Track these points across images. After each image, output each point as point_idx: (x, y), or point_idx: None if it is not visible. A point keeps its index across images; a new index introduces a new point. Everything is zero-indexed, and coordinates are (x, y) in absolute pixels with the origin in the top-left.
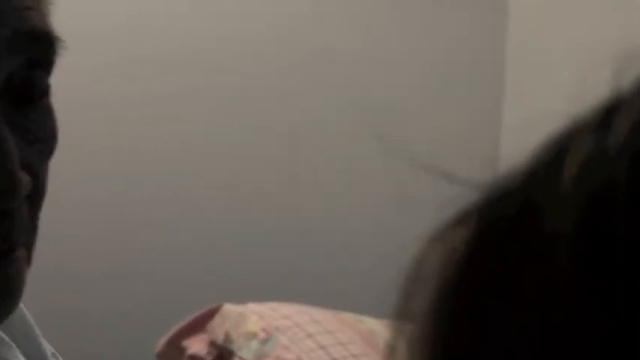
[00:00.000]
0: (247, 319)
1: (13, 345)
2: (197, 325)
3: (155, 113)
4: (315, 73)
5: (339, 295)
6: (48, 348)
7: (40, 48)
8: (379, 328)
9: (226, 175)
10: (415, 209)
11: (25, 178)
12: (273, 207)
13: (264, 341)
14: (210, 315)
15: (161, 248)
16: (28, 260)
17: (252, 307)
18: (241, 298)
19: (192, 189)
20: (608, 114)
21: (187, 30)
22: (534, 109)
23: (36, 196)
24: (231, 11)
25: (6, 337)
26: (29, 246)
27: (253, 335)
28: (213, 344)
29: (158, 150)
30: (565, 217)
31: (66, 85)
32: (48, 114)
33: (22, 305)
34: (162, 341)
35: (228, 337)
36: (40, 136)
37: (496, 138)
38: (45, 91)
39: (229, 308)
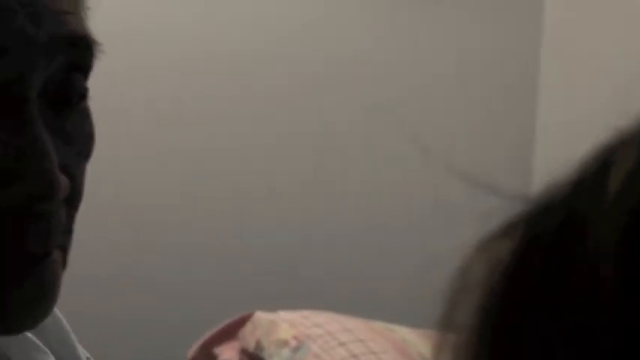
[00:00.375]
0: (279, 326)
1: (48, 351)
2: (229, 333)
3: (179, 116)
4: (343, 79)
5: (371, 303)
6: (83, 353)
7: (78, 52)
8: (412, 337)
9: (259, 183)
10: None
11: (63, 181)
12: (306, 215)
13: (296, 349)
14: (241, 322)
15: (194, 255)
16: (64, 263)
17: (284, 315)
18: (273, 306)
19: (225, 194)
20: None
21: (211, 35)
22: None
23: (73, 198)
24: (255, 16)
25: (40, 343)
26: (65, 249)
27: (285, 343)
28: (244, 352)
29: (186, 154)
30: (609, 231)
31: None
32: (85, 117)
33: (56, 310)
34: (193, 348)
35: (259, 345)
36: (78, 139)
37: (530, 145)
38: (83, 95)
39: (261, 316)
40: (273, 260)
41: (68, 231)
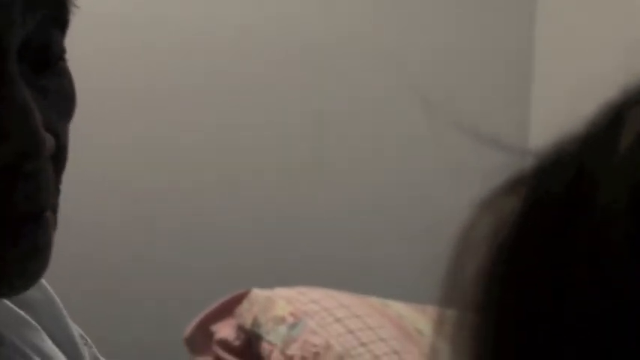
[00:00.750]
0: (275, 303)
1: (39, 327)
2: (225, 310)
3: (177, 105)
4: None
5: (367, 280)
6: (76, 329)
7: (54, 6)
8: (407, 312)
9: (253, 161)
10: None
11: (49, 139)
12: (298, 193)
13: (293, 326)
14: (238, 300)
15: (188, 235)
16: (54, 223)
17: (280, 291)
18: (269, 284)
19: (221, 176)
20: None
21: (208, 19)
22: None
23: (59, 157)
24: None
25: (32, 321)
26: (54, 208)
27: (281, 320)
28: (241, 329)
29: (184, 141)
30: (620, 188)
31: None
32: (65, 76)
33: (49, 287)
34: (190, 326)
35: (256, 322)
36: (59, 98)
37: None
38: (61, 55)
39: (257, 293)
40: (269, 237)
41: (56, 190)
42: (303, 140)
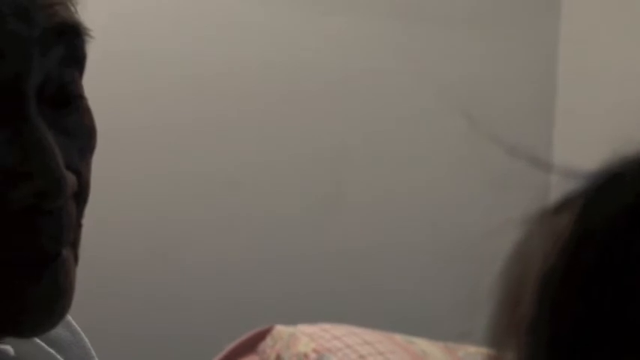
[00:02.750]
0: (298, 340)
1: None
2: (248, 346)
3: (193, 141)
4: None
5: (390, 316)
6: None
7: (71, 41)
8: (431, 350)
9: (272, 196)
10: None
11: (70, 178)
12: (320, 229)
13: None
14: (261, 336)
15: (213, 269)
16: (76, 259)
17: (304, 328)
18: (292, 320)
19: (242, 208)
20: None
21: (225, 53)
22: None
23: (81, 193)
24: (270, 35)
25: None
26: (75, 244)
27: (305, 356)
28: None
29: (201, 177)
30: None
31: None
32: (84, 112)
33: (78, 328)
34: None
35: (279, 358)
36: (80, 135)
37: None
38: (80, 92)
39: (281, 329)
40: (290, 272)
41: (78, 225)
42: (323, 175)
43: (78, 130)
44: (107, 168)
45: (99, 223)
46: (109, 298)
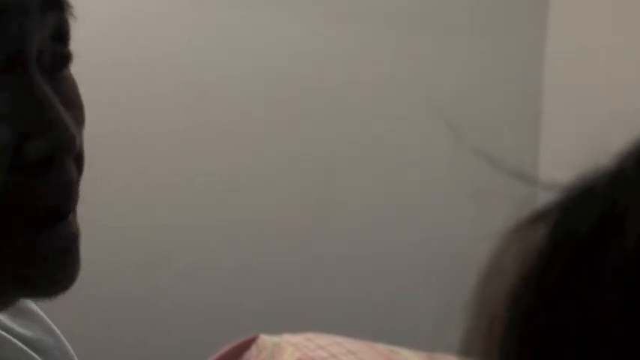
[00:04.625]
0: (283, 349)
1: None
2: (233, 356)
3: (184, 150)
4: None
5: (373, 325)
6: None
7: (61, 14)
8: None
9: (262, 205)
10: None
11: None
12: (307, 238)
13: None
14: (246, 346)
15: (193, 279)
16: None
17: (288, 337)
18: (277, 329)
19: (229, 220)
20: None
21: (218, 62)
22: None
23: (79, 163)
24: (264, 43)
25: None
26: (75, 212)
27: None
28: None
29: (195, 180)
30: None
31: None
32: (73, 85)
33: (62, 336)
34: None
35: None
36: (71, 107)
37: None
38: (67, 63)
39: (265, 339)
40: (276, 281)
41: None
42: (312, 183)
43: (69, 102)
44: (104, 172)
45: (88, 225)
46: (94, 299)
